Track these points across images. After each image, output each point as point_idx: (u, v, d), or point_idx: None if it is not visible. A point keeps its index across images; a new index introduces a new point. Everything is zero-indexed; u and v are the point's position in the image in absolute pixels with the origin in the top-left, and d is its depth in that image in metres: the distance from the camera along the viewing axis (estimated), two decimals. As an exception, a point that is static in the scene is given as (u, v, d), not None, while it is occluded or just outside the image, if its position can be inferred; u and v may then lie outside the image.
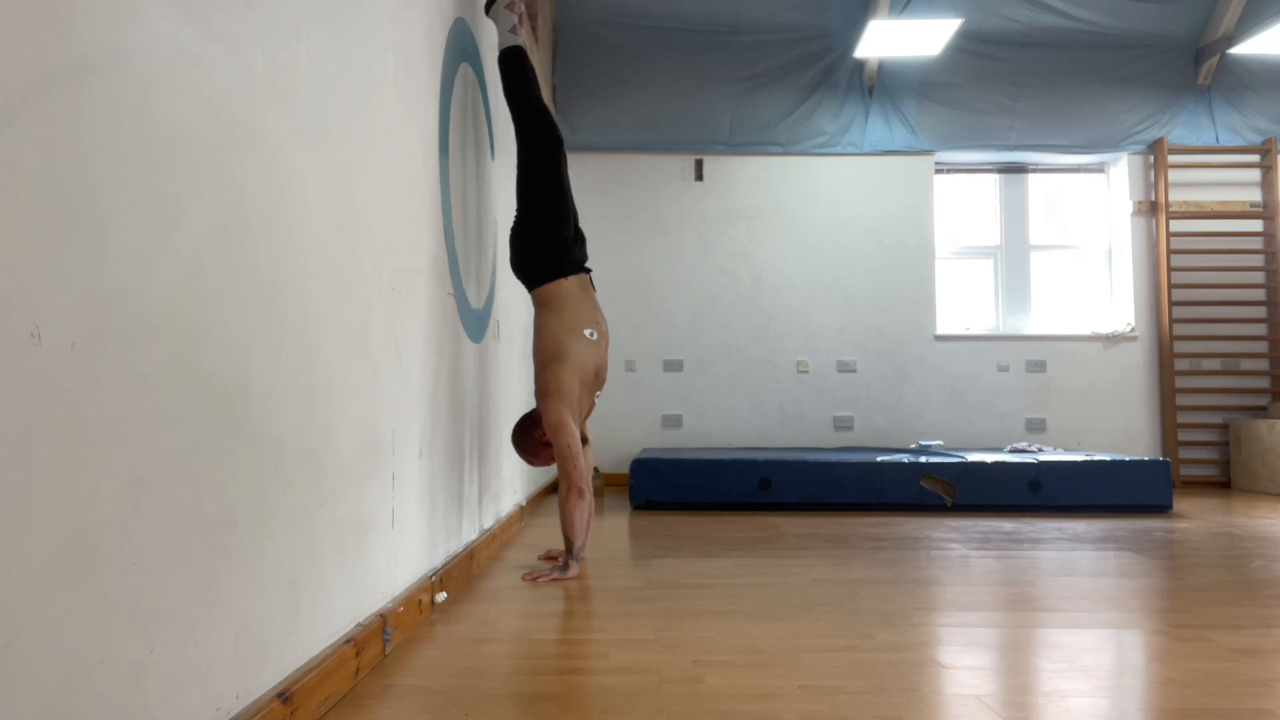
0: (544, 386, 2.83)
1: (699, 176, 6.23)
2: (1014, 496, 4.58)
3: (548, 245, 2.90)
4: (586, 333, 2.87)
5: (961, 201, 6.50)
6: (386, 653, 1.88)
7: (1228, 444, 6.08)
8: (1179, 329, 6.15)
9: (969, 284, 6.46)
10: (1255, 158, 6.22)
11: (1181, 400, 6.14)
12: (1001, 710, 1.54)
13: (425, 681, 1.70)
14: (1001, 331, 6.34)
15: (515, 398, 3.91)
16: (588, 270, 2.99)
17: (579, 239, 3.01)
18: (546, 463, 3.00)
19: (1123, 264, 6.31)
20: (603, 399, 5.89)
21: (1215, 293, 6.18)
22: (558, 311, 2.87)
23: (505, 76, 3.00)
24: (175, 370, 1.11)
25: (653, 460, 4.68)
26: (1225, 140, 6.20)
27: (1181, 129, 6.20)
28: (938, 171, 6.40)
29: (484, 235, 3.21)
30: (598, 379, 2.93)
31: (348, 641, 1.66)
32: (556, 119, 5.99)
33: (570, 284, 2.89)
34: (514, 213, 3.00)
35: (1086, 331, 6.29)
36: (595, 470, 5.55)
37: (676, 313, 6.18)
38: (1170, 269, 6.14)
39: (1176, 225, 6.21)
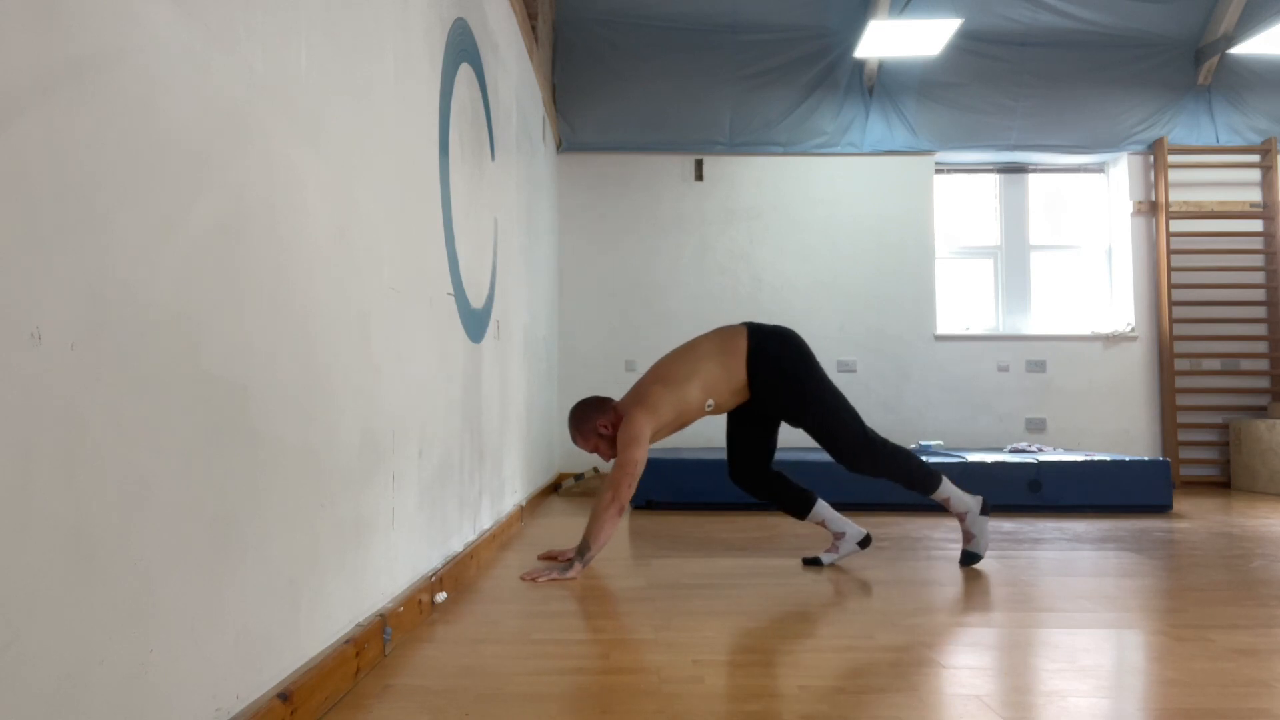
0: (647, 396, 2.86)
1: (699, 176, 6.23)
2: (1014, 496, 4.58)
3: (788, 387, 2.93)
4: (709, 403, 2.91)
5: (961, 201, 6.50)
6: (386, 653, 1.88)
7: (1228, 444, 6.08)
8: (1179, 329, 6.16)
9: (969, 284, 6.46)
10: (1255, 158, 6.22)
11: (1181, 400, 6.14)
12: (1001, 710, 1.54)
13: (425, 681, 1.70)
14: (1001, 331, 6.34)
15: (515, 398, 3.91)
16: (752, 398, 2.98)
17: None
18: (590, 450, 3.00)
19: (1123, 264, 6.31)
20: (603, 399, 5.89)
21: (1215, 293, 6.19)
22: (719, 371, 2.90)
23: (909, 468, 2.94)
24: (175, 370, 1.11)
25: (653, 460, 4.67)
26: (1225, 140, 6.20)
27: (1181, 129, 6.20)
28: (938, 171, 6.40)
29: (484, 235, 3.21)
30: (675, 430, 2.97)
31: (348, 641, 1.66)
32: (557, 119, 5.99)
33: (744, 379, 2.92)
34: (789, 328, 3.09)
35: (1086, 331, 6.29)
36: (595, 470, 5.55)
37: (677, 313, 6.18)
38: (1170, 269, 6.14)
39: (1176, 225, 6.21)
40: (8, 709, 0.82)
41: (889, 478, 2.94)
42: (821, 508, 3.03)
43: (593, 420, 2.95)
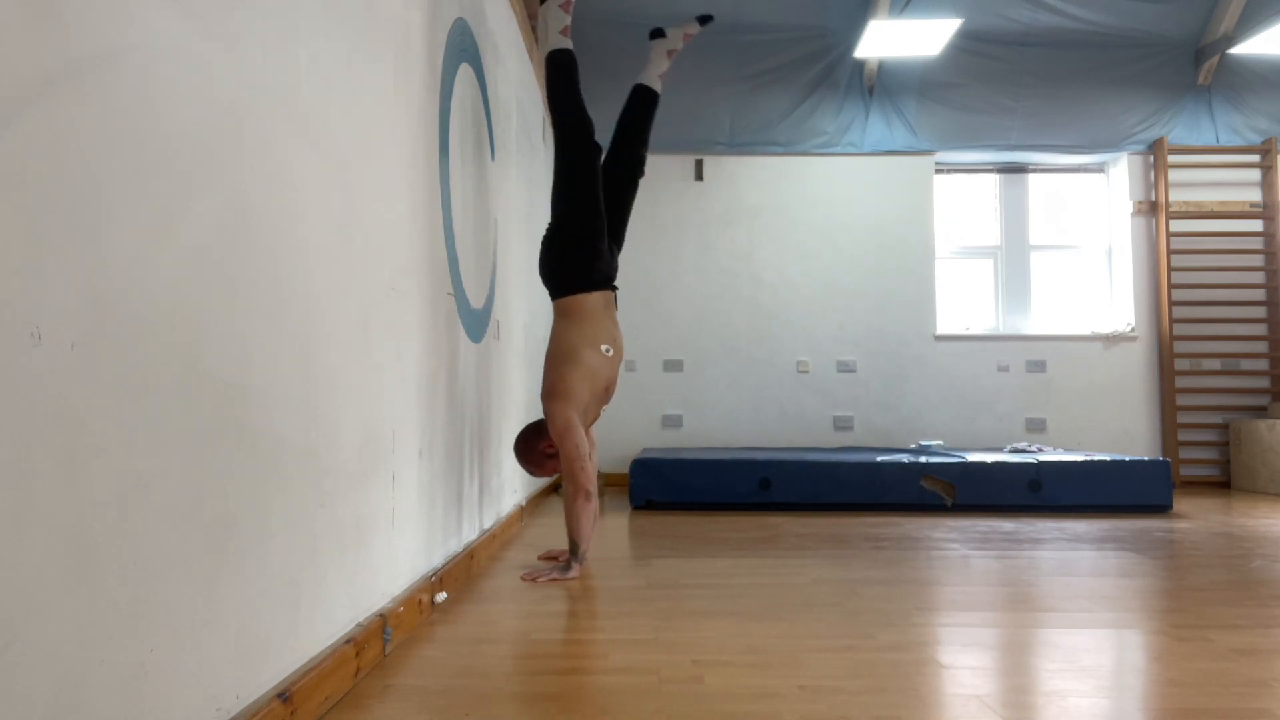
0: (552, 387, 2.81)
1: (699, 176, 6.23)
2: (1014, 496, 4.58)
3: (578, 257, 2.87)
4: (603, 348, 2.85)
5: (961, 201, 6.50)
6: (386, 653, 1.88)
7: (1228, 444, 6.08)
8: (1179, 329, 6.16)
9: (969, 284, 6.46)
10: (1255, 158, 6.22)
11: (1181, 400, 6.14)
12: (1001, 710, 1.54)
13: (425, 681, 1.70)
14: (1001, 331, 6.34)
15: (515, 398, 3.91)
16: (614, 288, 2.96)
17: (612, 251, 2.98)
18: (549, 474, 2.99)
19: (1123, 264, 6.31)
20: (603, 399, 5.90)
21: (1215, 293, 6.19)
22: (578, 323, 2.85)
23: (549, 78, 2.96)
24: (175, 370, 1.10)
25: (653, 460, 4.68)
26: (1225, 140, 6.20)
27: (1181, 129, 6.20)
28: (938, 171, 6.40)
29: (484, 235, 3.21)
30: (606, 393, 2.92)
31: (348, 641, 1.66)
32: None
33: (594, 299, 2.87)
34: (548, 219, 2.98)
35: (1086, 331, 6.29)
36: (595, 470, 5.55)
37: (676, 313, 6.18)
38: (1170, 269, 6.14)
39: (1176, 225, 6.21)
40: (8, 709, 0.82)
41: (549, 77, 2.99)
42: (650, 64, 3.25)
43: (536, 447, 2.93)
